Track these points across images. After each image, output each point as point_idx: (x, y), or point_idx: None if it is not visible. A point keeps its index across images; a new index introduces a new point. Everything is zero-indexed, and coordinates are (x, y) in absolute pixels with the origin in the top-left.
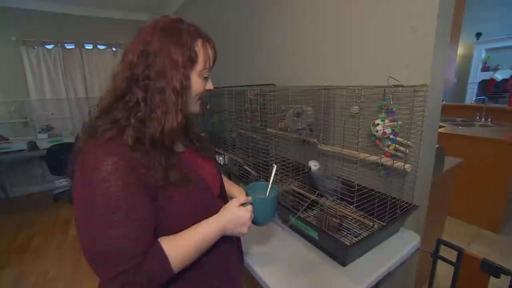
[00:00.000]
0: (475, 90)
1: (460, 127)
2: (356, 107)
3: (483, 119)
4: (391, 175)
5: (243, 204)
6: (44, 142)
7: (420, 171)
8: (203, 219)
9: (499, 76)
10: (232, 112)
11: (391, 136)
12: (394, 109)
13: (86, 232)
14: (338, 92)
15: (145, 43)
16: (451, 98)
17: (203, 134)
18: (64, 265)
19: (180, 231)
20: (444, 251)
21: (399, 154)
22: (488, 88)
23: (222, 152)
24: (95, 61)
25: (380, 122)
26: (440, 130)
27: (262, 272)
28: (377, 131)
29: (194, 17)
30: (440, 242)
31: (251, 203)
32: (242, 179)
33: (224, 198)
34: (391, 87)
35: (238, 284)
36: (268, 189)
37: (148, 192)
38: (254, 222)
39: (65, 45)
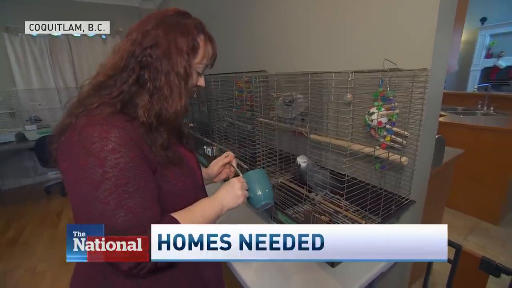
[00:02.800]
0: (478, 78)
1: (461, 116)
2: (350, 94)
3: (486, 107)
4: (387, 168)
5: None
6: (33, 133)
7: (418, 163)
8: (193, 202)
9: (502, 63)
10: (219, 101)
11: (388, 126)
12: (391, 96)
13: (98, 209)
14: (331, 78)
15: (152, 26)
16: (451, 86)
17: (191, 125)
18: (53, 259)
19: (173, 211)
20: None
21: (396, 145)
22: (491, 75)
23: (211, 143)
24: (84, 49)
25: (376, 111)
26: (440, 119)
27: (244, 271)
28: (372, 121)
29: (185, 5)
30: None
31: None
32: None
33: (204, 190)
34: (387, 71)
35: (222, 278)
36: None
37: (150, 167)
38: (251, 201)
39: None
